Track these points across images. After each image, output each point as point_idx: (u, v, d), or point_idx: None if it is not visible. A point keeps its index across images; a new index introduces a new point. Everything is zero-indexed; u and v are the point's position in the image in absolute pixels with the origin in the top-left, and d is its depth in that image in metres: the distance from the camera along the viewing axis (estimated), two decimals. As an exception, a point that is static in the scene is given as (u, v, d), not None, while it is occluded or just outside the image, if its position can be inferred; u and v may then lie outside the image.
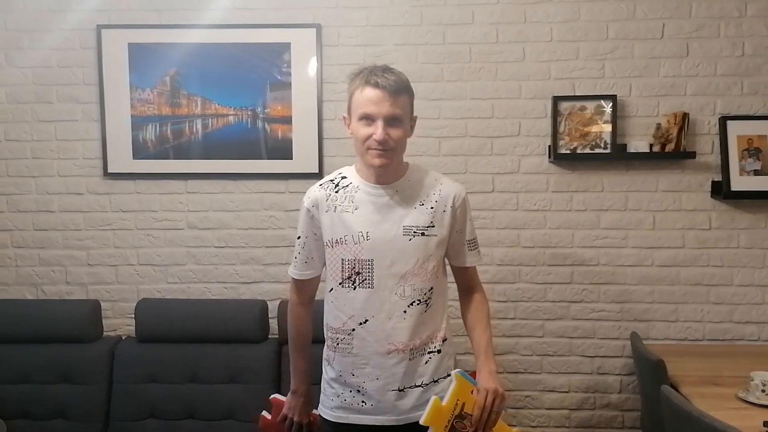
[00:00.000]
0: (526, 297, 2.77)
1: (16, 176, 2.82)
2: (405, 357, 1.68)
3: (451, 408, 1.61)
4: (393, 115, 1.63)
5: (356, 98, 1.65)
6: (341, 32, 2.74)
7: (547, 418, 2.81)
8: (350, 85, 1.69)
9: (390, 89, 1.62)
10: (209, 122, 2.77)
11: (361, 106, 1.64)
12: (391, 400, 1.69)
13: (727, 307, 2.74)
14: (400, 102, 1.64)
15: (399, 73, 1.67)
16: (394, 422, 1.69)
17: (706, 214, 2.72)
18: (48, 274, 2.85)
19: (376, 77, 1.62)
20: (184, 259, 2.83)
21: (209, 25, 2.73)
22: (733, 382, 2.20)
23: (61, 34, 2.77)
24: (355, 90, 1.66)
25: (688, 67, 2.69)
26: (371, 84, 1.62)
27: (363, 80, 1.64)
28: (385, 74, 1.63)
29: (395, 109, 1.63)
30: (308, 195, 1.77)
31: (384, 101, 1.61)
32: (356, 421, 1.72)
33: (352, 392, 1.71)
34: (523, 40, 2.72)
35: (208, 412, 2.49)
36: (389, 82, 1.62)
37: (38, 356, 2.53)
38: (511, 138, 2.75)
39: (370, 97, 1.62)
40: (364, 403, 1.70)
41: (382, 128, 1.62)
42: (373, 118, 1.62)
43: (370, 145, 1.64)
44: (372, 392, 1.69)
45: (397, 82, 1.63)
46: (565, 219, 2.76)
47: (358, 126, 1.65)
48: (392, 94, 1.62)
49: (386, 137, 1.62)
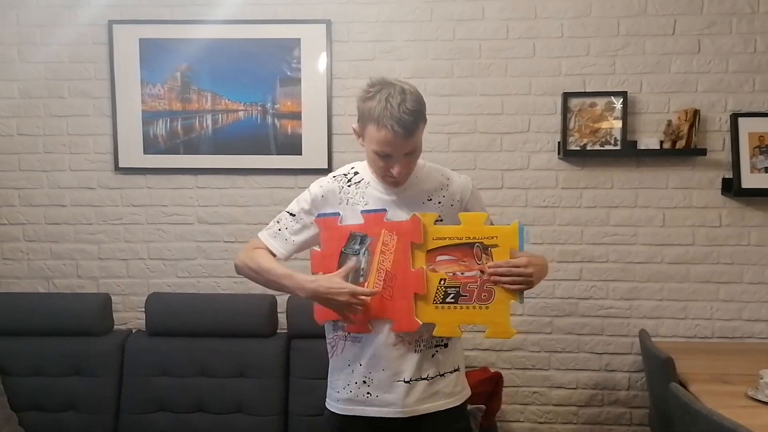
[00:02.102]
0: (535, 293, 2.77)
1: (29, 170, 2.84)
2: (411, 349, 1.68)
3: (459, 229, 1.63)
4: (410, 150, 1.61)
5: (371, 131, 1.58)
6: (351, 28, 2.74)
7: (554, 414, 2.81)
8: (363, 105, 1.60)
9: (408, 131, 1.55)
10: (219, 118, 2.78)
11: (376, 144, 1.58)
12: (397, 391, 1.68)
13: (736, 305, 2.72)
14: (416, 135, 1.59)
15: (415, 101, 1.57)
16: (399, 414, 1.69)
17: (716, 211, 2.71)
18: (59, 267, 2.87)
19: (393, 121, 1.53)
20: (194, 253, 2.85)
21: (220, 20, 2.73)
22: (742, 380, 2.19)
23: (73, 29, 2.79)
24: (370, 122, 1.58)
25: (700, 64, 2.68)
26: (388, 128, 1.54)
27: (380, 120, 1.54)
28: (403, 114, 1.53)
29: (412, 145, 1.60)
30: (320, 183, 1.75)
31: (402, 143, 1.57)
32: (362, 413, 1.71)
33: (357, 384, 1.71)
34: (533, 36, 2.71)
35: (217, 405, 2.50)
36: (406, 123, 1.54)
37: (49, 349, 2.55)
38: (520, 134, 2.74)
39: (388, 140, 1.56)
40: (370, 395, 1.70)
41: (400, 165, 1.60)
42: (391, 156, 1.60)
43: (386, 174, 1.63)
44: (378, 383, 1.69)
45: (414, 121, 1.56)
46: (575, 216, 2.75)
47: (373, 155, 1.61)
48: (410, 135, 1.57)
49: (404, 171, 1.62)
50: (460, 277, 1.64)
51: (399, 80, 1.62)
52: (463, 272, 1.64)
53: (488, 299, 1.63)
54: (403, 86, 1.59)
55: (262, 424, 2.49)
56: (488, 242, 1.63)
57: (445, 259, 1.65)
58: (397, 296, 1.64)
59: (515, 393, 2.81)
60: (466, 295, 1.64)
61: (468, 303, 1.64)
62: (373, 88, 1.60)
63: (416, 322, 1.64)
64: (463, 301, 1.64)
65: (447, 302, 1.64)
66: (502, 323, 1.64)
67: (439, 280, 1.64)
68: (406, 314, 1.64)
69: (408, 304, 1.64)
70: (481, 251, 1.64)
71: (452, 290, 1.64)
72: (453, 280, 1.64)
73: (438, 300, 1.64)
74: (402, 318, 1.65)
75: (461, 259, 1.64)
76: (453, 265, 1.64)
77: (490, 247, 1.63)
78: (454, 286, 1.64)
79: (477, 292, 1.63)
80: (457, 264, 1.64)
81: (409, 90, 1.59)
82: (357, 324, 1.67)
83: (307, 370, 2.49)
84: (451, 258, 1.65)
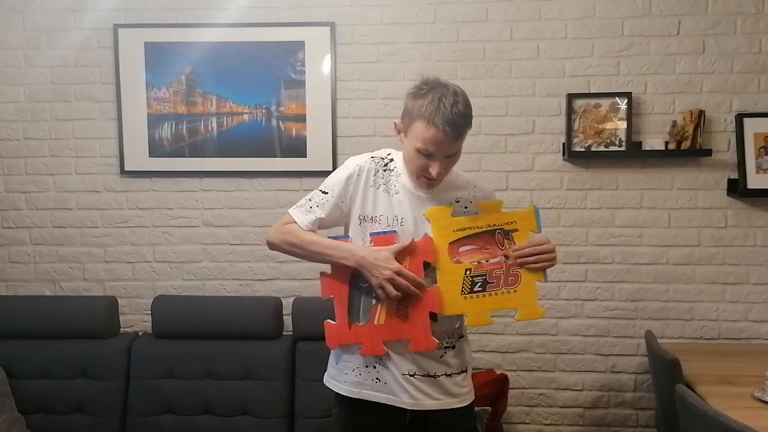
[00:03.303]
0: (540, 295, 2.72)
1: (35, 174, 2.86)
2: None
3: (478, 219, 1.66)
4: (453, 153, 1.62)
5: (418, 128, 1.58)
6: (355, 30, 2.75)
7: (560, 416, 2.81)
8: (413, 102, 1.59)
9: (457, 133, 1.56)
10: (224, 120, 2.79)
11: (422, 142, 1.58)
12: (404, 384, 1.68)
13: (743, 306, 2.71)
14: (463, 138, 1.61)
15: (465, 104, 1.58)
16: (406, 405, 1.68)
17: (722, 212, 2.70)
18: (66, 270, 2.88)
19: (443, 121, 1.53)
20: (200, 256, 2.86)
21: (224, 24, 2.74)
22: (749, 382, 2.18)
23: (78, 33, 2.80)
24: (419, 119, 1.57)
25: (705, 64, 2.67)
26: (438, 127, 1.54)
27: (431, 118, 1.54)
28: (455, 115, 1.54)
29: (455, 148, 1.61)
30: (357, 161, 1.72)
31: (448, 144, 1.57)
32: (368, 398, 1.70)
33: (368, 367, 1.70)
34: (537, 38, 2.71)
35: (223, 407, 2.51)
36: (457, 125, 1.55)
37: (56, 352, 2.56)
38: (525, 136, 2.74)
39: (435, 139, 1.56)
40: (378, 380, 1.69)
41: (440, 166, 1.60)
42: (433, 156, 1.60)
43: (423, 174, 1.63)
44: (387, 371, 1.68)
45: (464, 124, 1.57)
46: (579, 217, 2.75)
47: (414, 152, 1.61)
48: (458, 137, 1.58)
49: (442, 173, 1.62)
50: (485, 265, 1.65)
51: (450, 82, 1.62)
52: (488, 260, 1.66)
53: (515, 283, 1.65)
54: (456, 89, 1.59)
55: (268, 426, 2.49)
56: (508, 227, 1.67)
57: (469, 248, 1.66)
58: (413, 316, 1.64)
59: (521, 395, 2.80)
60: (493, 281, 1.65)
61: (496, 289, 1.65)
62: (426, 86, 1.60)
63: (433, 341, 1.65)
64: (491, 288, 1.65)
65: (475, 291, 1.65)
66: (531, 304, 1.67)
67: (465, 271, 1.65)
68: (422, 333, 1.64)
69: (424, 323, 1.64)
70: (503, 237, 1.66)
71: (479, 279, 1.65)
72: (479, 269, 1.65)
73: (466, 290, 1.65)
74: (419, 337, 1.65)
75: (484, 247, 1.66)
76: (476, 253, 1.66)
77: (511, 232, 1.66)
78: (481, 274, 1.65)
79: (504, 278, 1.65)
80: (481, 252, 1.66)
81: (461, 93, 1.59)
82: (372, 346, 1.66)
83: (313, 372, 2.48)
84: (474, 247, 1.66)
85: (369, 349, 1.67)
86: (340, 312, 1.68)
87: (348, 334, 1.68)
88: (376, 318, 1.67)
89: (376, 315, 1.67)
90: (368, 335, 1.67)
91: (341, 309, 1.68)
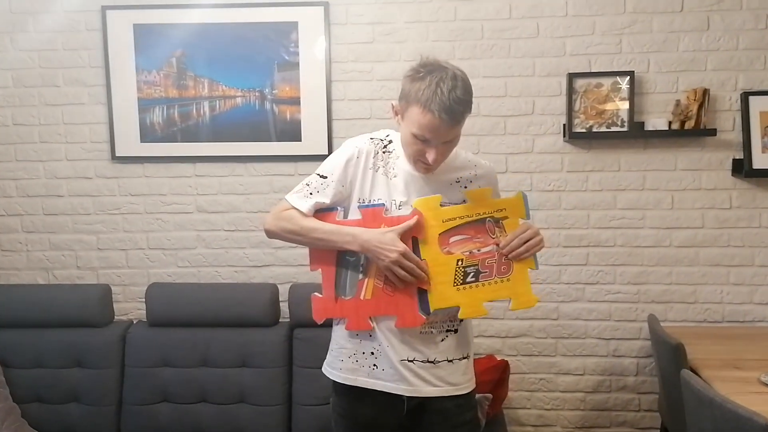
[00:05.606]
0: (541, 279, 2.72)
1: (25, 161, 2.81)
2: (417, 330, 1.64)
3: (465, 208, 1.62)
4: (451, 139, 1.57)
5: (414, 113, 1.52)
6: (350, 10, 2.68)
7: (562, 401, 2.78)
8: (411, 85, 1.53)
9: (454, 120, 1.50)
10: (217, 104, 2.73)
11: (417, 127, 1.52)
12: (402, 370, 1.64)
13: (747, 288, 2.67)
14: (461, 124, 1.55)
15: (465, 89, 1.51)
16: (403, 392, 1.65)
17: (726, 192, 2.65)
18: (58, 258, 2.84)
19: (440, 107, 1.47)
20: (194, 242, 2.81)
21: (215, 4, 2.67)
22: (755, 366, 2.15)
23: (65, 15, 2.73)
24: (415, 103, 1.51)
25: (709, 41, 2.60)
26: (434, 113, 1.48)
27: (427, 104, 1.49)
28: (453, 102, 1.48)
29: (453, 134, 1.56)
30: (356, 143, 1.67)
31: (444, 131, 1.52)
32: (365, 385, 1.67)
33: (365, 354, 1.67)
34: (536, 16, 2.64)
35: (219, 396, 2.48)
36: (454, 112, 1.49)
37: (50, 341, 2.53)
38: (524, 117, 2.68)
39: (431, 125, 1.50)
40: (376, 367, 1.66)
41: (436, 152, 1.55)
42: (429, 142, 1.54)
43: (419, 159, 1.59)
44: (385, 358, 1.64)
45: (462, 111, 1.51)
46: (581, 199, 2.70)
47: (410, 137, 1.56)
48: (456, 124, 1.52)
49: (439, 159, 1.57)
50: (477, 255, 1.61)
51: (451, 65, 1.55)
52: (479, 249, 1.62)
53: (508, 271, 1.61)
54: (456, 72, 1.53)
55: (266, 413, 2.47)
56: (498, 215, 1.63)
57: (459, 239, 1.62)
58: (400, 291, 1.61)
59: (522, 380, 2.78)
60: (485, 271, 1.61)
61: (489, 279, 1.61)
62: (424, 68, 1.53)
63: (420, 317, 1.61)
64: (484, 278, 1.61)
65: (468, 282, 1.61)
66: (524, 292, 1.62)
67: (457, 261, 1.61)
68: (409, 309, 1.61)
69: (411, 299, 1.61)
70: (494, 225, 1.62)
71: (471, 269, 1.61)
72: (470, 259, 1.61)
73: (458, 281, 1.61)
74: (405, 313, 1.61)
75: (475, 237, 1.62)
76: (468, 243, 1.62)
77: (501, 220, 1.62)
78: (473, 264, 1.61)
79: (496, 267, 1.61)
80: (472, 242, 1.62)
81: (461, 77, 1.52)
82: (358, 320, 1.63)
83: (310, 359, 2.45)
84: (464, 237, 1.62)
85: (354, 323, 1.64)
86: (327, 285, 1.66)
87: (334, 308, 1.66)
88: (362, 293, 1.63)
89: (362, 289, 1.64)
90: (354, 310, 1.64)
91: (328, 282, 1.66)
